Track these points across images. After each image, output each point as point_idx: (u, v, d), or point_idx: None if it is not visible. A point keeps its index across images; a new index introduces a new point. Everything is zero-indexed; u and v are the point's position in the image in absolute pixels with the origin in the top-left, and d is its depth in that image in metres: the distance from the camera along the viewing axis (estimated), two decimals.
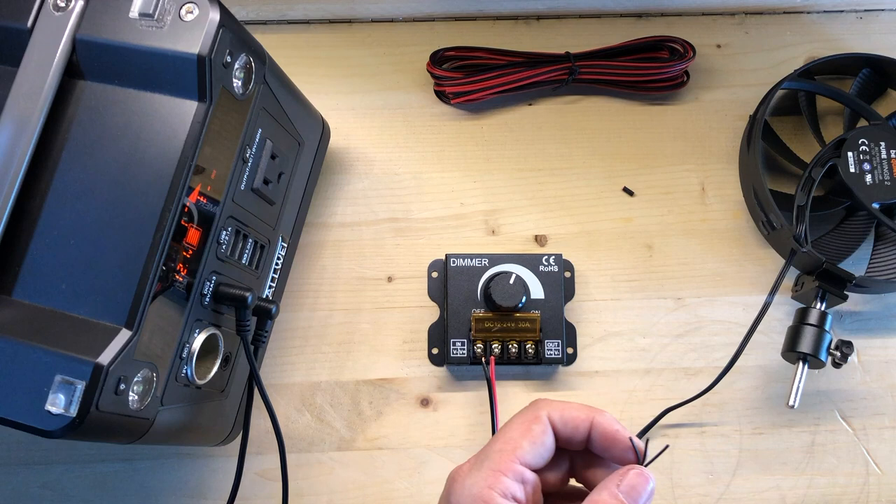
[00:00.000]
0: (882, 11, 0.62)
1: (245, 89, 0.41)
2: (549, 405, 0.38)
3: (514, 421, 0.38)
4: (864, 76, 0.59)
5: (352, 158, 0.59)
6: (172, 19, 0.37)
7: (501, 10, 0.61)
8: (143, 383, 0.38)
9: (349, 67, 0.60)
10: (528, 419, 0.37)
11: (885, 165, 0.55)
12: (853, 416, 0.55)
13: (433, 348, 0.55)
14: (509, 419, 0.38)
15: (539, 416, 0.37)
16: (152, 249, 0.37)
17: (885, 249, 0.56)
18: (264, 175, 0.45)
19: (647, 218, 0.58)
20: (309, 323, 0.56)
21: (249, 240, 0.46)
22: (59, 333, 0.35)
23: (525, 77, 0.57)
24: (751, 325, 0.53)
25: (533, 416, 0.37)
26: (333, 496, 0.53)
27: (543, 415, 0.37)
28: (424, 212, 0.58)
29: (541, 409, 0.38)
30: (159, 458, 0.54)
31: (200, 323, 0.42)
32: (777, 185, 0.58)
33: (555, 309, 0.54)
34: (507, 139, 0.59)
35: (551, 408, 0.38)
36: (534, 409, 0.38)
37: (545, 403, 0.38)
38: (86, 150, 0.38)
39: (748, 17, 0.62)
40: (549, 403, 0.38)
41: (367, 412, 0.55)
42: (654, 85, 0.59)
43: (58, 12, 0.38)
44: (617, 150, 0.59)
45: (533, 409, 0.38)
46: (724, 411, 0.55)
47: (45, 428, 0.34)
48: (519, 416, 0.38)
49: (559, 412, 0.38)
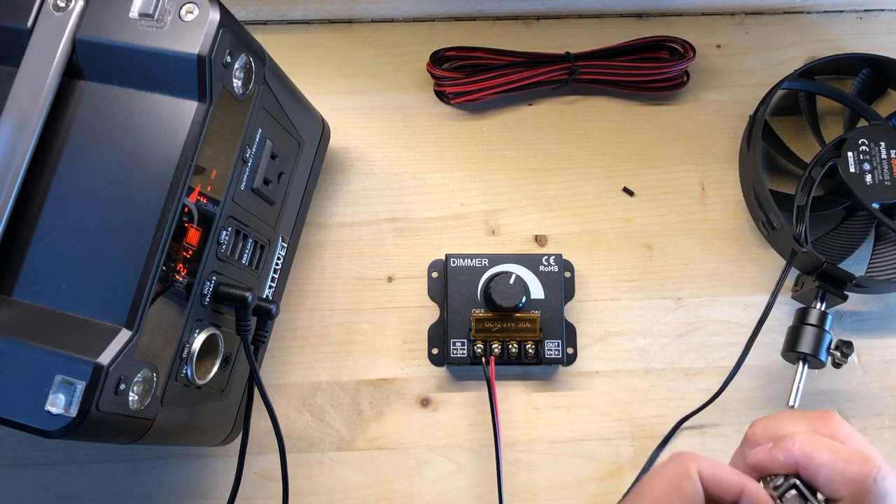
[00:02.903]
0: (882, 11, 0.62)
1: (245, 89, 0.41)
2: (699, 460, 0.34)
3: (660, 473, 0.35)
4: (864, 76, 0.59)
5: (352, 158, 0.59)
6: (172, 19, 0.37)
7: (501, 10, 0.61)
8: (143, 383, 0.38)
9: (349, 67, 0.60)
10: (677, 474, 0.34)
11: (885, 165, 0.55)
12: (853, 416, 0.55)
13: (433, 348, 0.55)
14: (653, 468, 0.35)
15: (689, 473, 0.34)
16: (152, 249, 0.37)
17: (885, 249, 0.56)
18: (264, 175, 0.45)
19: (647, 218, 0.58)
20: (309, 323, 0.56)
21: (249, 240, 0.46)
22: (59, 333, 0.35)
23: (525, 77, 0.57)
24: (754, 326, 0.53)
25: (683, 470, 0.34)
26: (333, 496, 0.53)
27: (693, 470, 0.34)
28: (424, 212, 0.58)
29: (690, 463, 0.34)
30: (159, 458, 0.54)
31: (200, 323, 0.42)
32: (777, 185, 0.58)
33: (555, 309, 0.54)
34: (507, 139, 0.59)
35: (702, 464, 0.34)
36: (682, 461, 0.34)
37: (694, 457, 0.35)
38: (86, 150, 0.38)
39: (748, 17, 0.62)
40: (699, 459, 0.34)
41: (367, 412, 0.55)
42: (654, 85, 0.59)
43: (58, 12, 0.38)
44: (617, 150, 0.59)
45: (680, 460, 0.35)
46: (725, 411, 0.55)
47: (45, 428, 0.34)
48: (665, 468, 0.35)
49: (710, 471, 0.34)
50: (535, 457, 0.54)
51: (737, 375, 0.55)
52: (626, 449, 0.54)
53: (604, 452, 0.54)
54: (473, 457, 0.54)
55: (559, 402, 0.55)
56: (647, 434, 0.54)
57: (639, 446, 0.54)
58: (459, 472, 0.54)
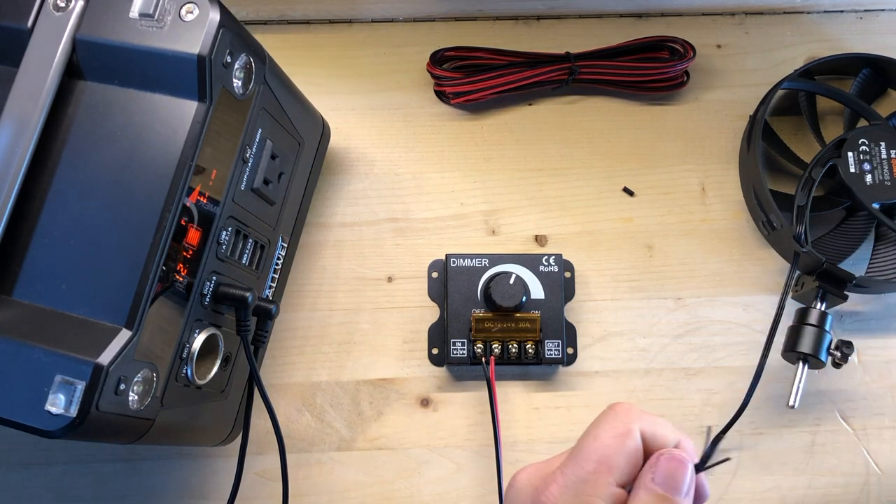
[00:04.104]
0: (882, 11, 0.62)
1: (245, 89, 0.41)
2: (639, 417, 0.33)
3: (602, 431, 0.33)
4: (864, 76, 0.59)
5: (352, 158, 0.59)
6: (172, 19, 0.37)
7: (501, 10, 0.61)
8: (143, 383, 0.38)
9: (349, 67, 0.60)
10: (619, 432, 0.33)
11: (885, 165, 0.55)
12: (853, 416, 0.55)
13: (433, 348, 0.55)
14: (594, 425, 0.34)
15: (631, 431, 0.33)
16: (152, 249, 0.37)
17: (885, 249, 0.56)
18: (264, 175, 0.45)
19: (647, 218, 0.58)
20: (309, 323, 0.56)
21: (249, 240, 0.46)
22: (59, 333, 0.35)
23: (525, 77, 0.57)
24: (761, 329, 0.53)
25: (625, 428, 0.33)
26: (333, 496, 0.53)
27: (636, 429, 0.33)
28: (424, 212, 0.58)
29: (632, 420, 0.33)
30: (159, 458, 0.54)
31: (200, 323, 0.42)
32: (777, 185, 0.58)
33: (555, 309, 0.54)
34: (507, 139, 0.59)
35: (643, 422, 0.33)
36: (624, 419, 0.33)
37: (635, 414, 0.33)
38: (86, 151, 0.38)
39: (748, 17, 0.62)
40: (639, 415, 0.33)
41: (367, 412, 0.55)
42: (654, 85, 0.59)
43: (58, 12, 0.38)
44: (617, 150, 0.59)
45: (622, 418, 0.33)
46: (724, 412, 0.55)
47: (45, 428, 0.34)
48: (606, 425, 0.33)
49: (651, 428, 0.33)
50: (535, 457, 0.54)
51: (737, 376, 0.55)
52: None
53: None
54: (473, 457, 0.54)
55: (559, 402, 0.55)
56: None
57: None
58: (459, 472, 0.54)
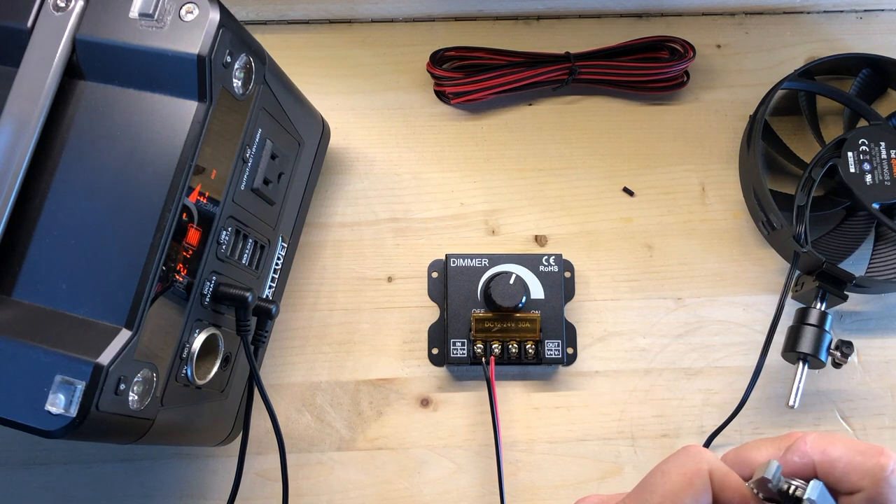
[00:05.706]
0: (882, 11, 0.62)
1: (245, 89, 0.41)
2: (711, 461, 0.33)
3: (671, 467, 0.33)
4: (864, 76, 0.59)
5: (352, 158, 0.59)
6: (172, 19, 0.37)
7: (501, 10, 0.61)
8: (143, 383, 0.38)
9: (349, 67, 0.60)
10: (689, 471, 0.32)
11: (885, 165, 0.55)
12: (853, 416, 0.55)
13: (433, 348, 0.55)
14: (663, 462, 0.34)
15: (701, 471, 0.32)
16: (152, 249, 0.37)
17: (885, 249, 0.56)
18: (264, 175, 0.45)
19: (647, 218, 0.58)
20: (309, 323, 0.56)
21: (249, 240, 0.46)
22: (59, 333, 0.35)
23: (525, 77, 0.57)
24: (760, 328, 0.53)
25: (695, 468, 0.32)
26: (333, 496, 0.53)
27: (706, 470, 0.32)
28: (424, 212, 0.58)
29: (703, 461, 0.32)
30: (159, 458, 0.54)
31: (200, 323, 0.42)
32: (777, 185, 0.58)
33: (555, 309, 0.54)
34: (507, 139, 0.59)
35: (713, 466, 0.32)
36: (696, 459, 0.33)
37: (707, 456, 0.33)
38: (86, 150, 0.38)
39: (748, 17, 0.62)
40: (711, 460, 0.33)
41: (367, 412, 0.55)
42: (654, 85, 0.59)
43: (58, 12, 0.38)
44: (617, 150, 0.59)
45: (694, 458, 0.33)
46: (724, 412, 0.55)
47: (45, 428, 0.34)
48: (676, 462, 0.33)
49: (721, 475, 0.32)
50: (535, 457, 0.54)
51: (737, 376, 0.55)
52: (626, 449, 0.54)
53: (604, 452, 0.54)
54: (473, 457, 0.54)
55: (559, 402, 0.55)
56: (647, 434, 0.54)
57: (639, 446, 0.54)
58: (459, 472, 0.54)
